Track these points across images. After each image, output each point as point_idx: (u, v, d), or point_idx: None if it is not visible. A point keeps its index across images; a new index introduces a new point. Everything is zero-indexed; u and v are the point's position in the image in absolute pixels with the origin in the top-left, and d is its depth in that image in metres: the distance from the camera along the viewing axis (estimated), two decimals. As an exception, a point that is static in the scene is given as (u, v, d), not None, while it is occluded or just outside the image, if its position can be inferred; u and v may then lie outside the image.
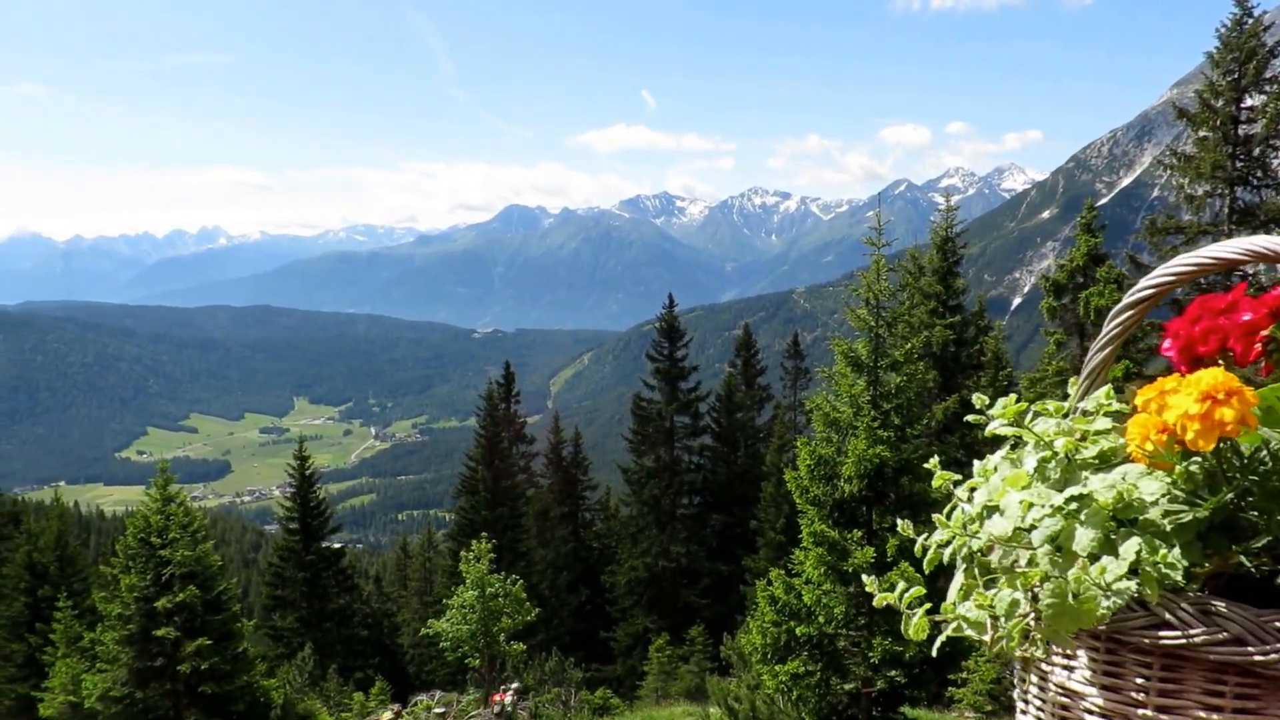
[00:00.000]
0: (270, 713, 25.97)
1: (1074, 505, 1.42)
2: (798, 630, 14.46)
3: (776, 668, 14.45)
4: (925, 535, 1.70)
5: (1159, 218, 20.24)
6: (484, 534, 39.08)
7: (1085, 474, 1.52)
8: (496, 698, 27.05)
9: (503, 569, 37.52)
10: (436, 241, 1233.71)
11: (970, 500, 1.65)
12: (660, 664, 33.91)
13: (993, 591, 1.46)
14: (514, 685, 28.35)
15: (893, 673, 13.87)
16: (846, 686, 14.45)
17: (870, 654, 13.78)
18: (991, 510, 1.60)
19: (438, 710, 29.08)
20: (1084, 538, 1.37)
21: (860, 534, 14.54)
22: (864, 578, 1.73)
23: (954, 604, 1.56)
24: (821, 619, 14.08)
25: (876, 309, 15.05)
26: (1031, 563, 1.43)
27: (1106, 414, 1.66)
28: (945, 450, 21.80)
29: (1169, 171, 20.00)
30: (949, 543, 1.63)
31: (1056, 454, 1.57)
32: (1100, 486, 1.43)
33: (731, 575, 43.63)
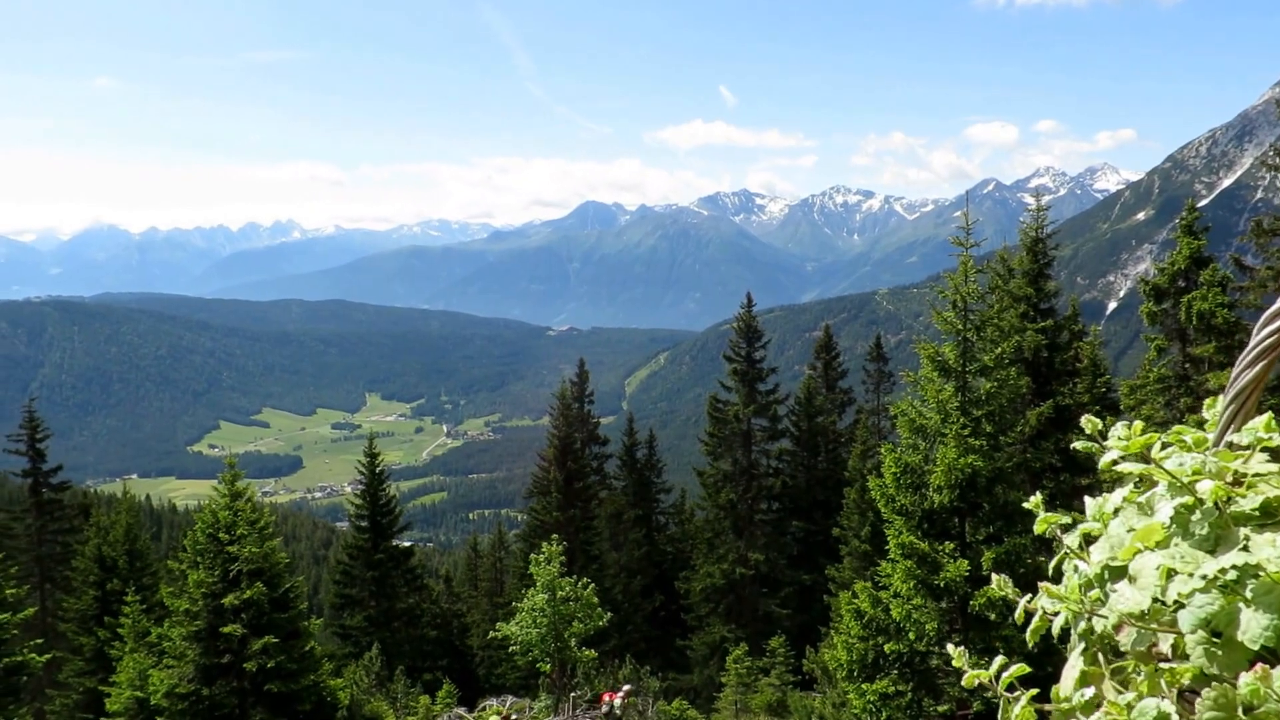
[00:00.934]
0: (337, 713, 25.65)
1: (1234, 575, 0.96)
2: (886, 647, 13.58)
3: (864, 686, 13.58)
4: (1028, 598, 1.44)
5: (1265, 219, 18.95)
6: (555, 535, 38.58)
7: (1244, 531, 1.07)
8: (607, 697, 26.45)
9: (574, 572, 36.96)
10: (511, 238, 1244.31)
11: (1085, 551, 1.31)
12: (739, 675, 32.99)
13: (1126, 697, 1.01)
14: (626, 686, 27.68)
15: (990, 694, 12.91)
16: (940, 708, 13.52)
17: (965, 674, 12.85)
18: (1116, 573, 1.18)
19: (512, 717, 28.53)
20: (1255, 625, 0.95)
21: (952, 546, 13.61)
22: (951, 649, 1.15)
23: (1071, 695, 1.23)
24: (912, 635, 13.17)
25: (964, 312, 14.13)
26: (1179, 652, 0.99)
27: (1265, 448, 1.14)
28: (1040, 457, 20.67)
29: (1274, 172, 18.73)
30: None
31: (1202, 502, 1.04)
32: (1273, 553, 0.95)
33: (814, 585, 42.56)
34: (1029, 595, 1.36)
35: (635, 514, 51.85)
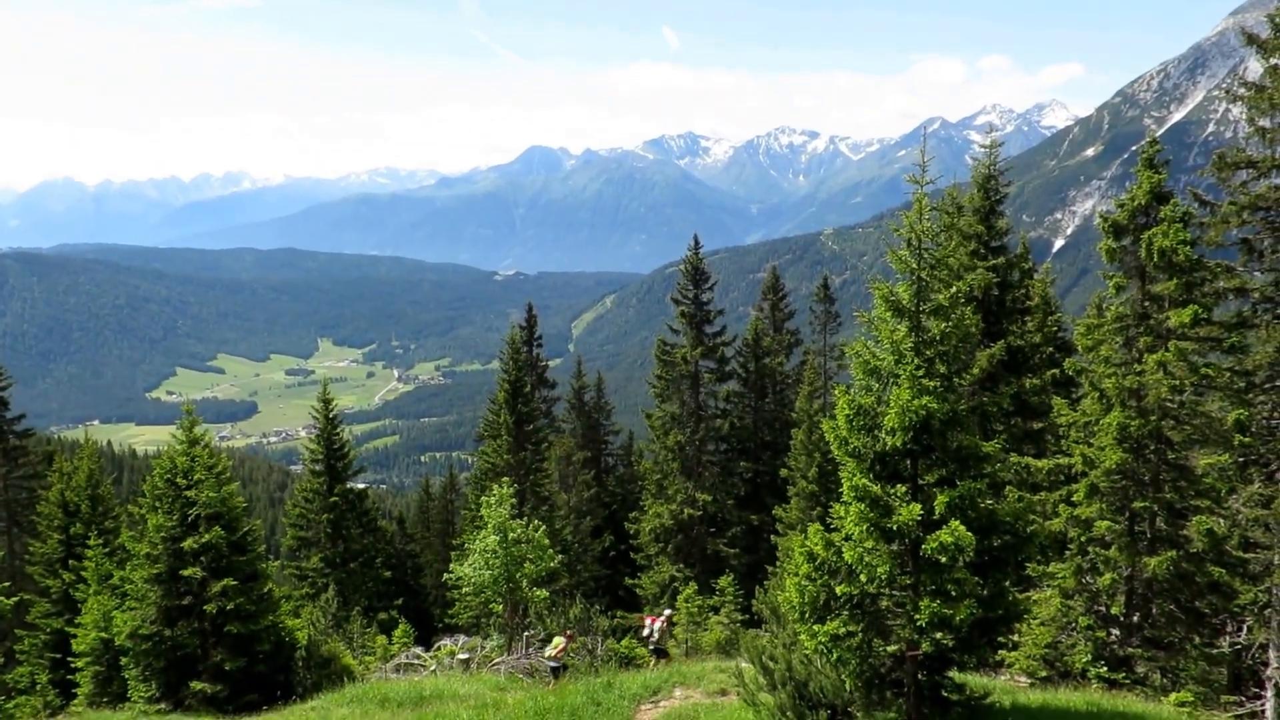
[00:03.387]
0: (295, 653, 26.00)
1: None
2: (837, 589, 13.75)
3: (815, 627, 13.75)
4: None
5: (1228, 152, 19.05)
6: (506, 479, 38.65)
7: None
8: (649, 621, 26.49)
9: (525, 514, 37.09)
10: (458, 184, 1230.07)
11: None
12: (689, 614, 33.43)
13: None
14: (668, 611, 27.67)
15: (940, 635, 13.12)
16: (890, 649, 13.76)
17: (916, 616, 13.03)
18: None
19: (461, 656, 28.64)
20: None
21: (905, 489, 13.77)
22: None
23: None
24: (864, 577, 13.33)
25: (919, 250, 14.07)
26: None
27: None
28: (996, 401, 20.90)
29: (1235, 103, 18.81)
30: None
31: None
32: None
33: (761, 525, 43.06)
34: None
35: (584, 456, 52.01)
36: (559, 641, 24.57)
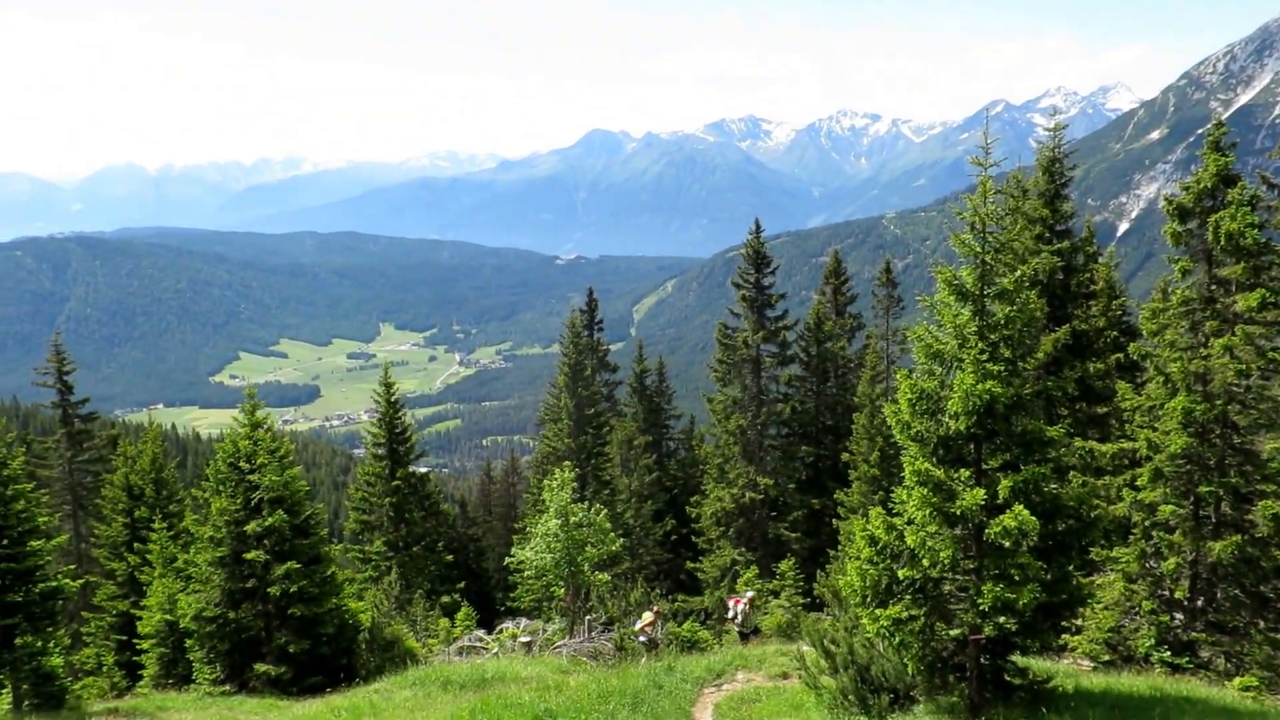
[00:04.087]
0: (359, 635, 26.25)
1: None
2: (899, 573, 13.75)
3: (877, 611, 13.76)
4: None
5: (1300, 134, 18.61)
6: (567, 462, 38.96)
7: None
8: (733, 602, 26.64)
9: (586, 498, 37.37)
10: (518, 167, 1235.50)
11: None
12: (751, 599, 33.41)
13: None
14: (750, 593, 27.79)
15: (1002, 619, 13.08)
16: (952, 633, 13.72)
17: (979, 600, 12.98)
18: None
19: (523, 639, 28.97)
20: None
21: (968, 474, 13.70)
22: None
23: None
24: (926, 562, 13.30)
25: (983, 234, 13.96)
26: None
27: None
28: (1061, 386, 20.67)
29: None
30: None
31: None
32: None
33: (823, 509, 42.91)
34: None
35: (646, 440, 52.17)
36: (648, 616, 24.74)
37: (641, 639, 24.06)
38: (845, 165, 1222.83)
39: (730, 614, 26.49)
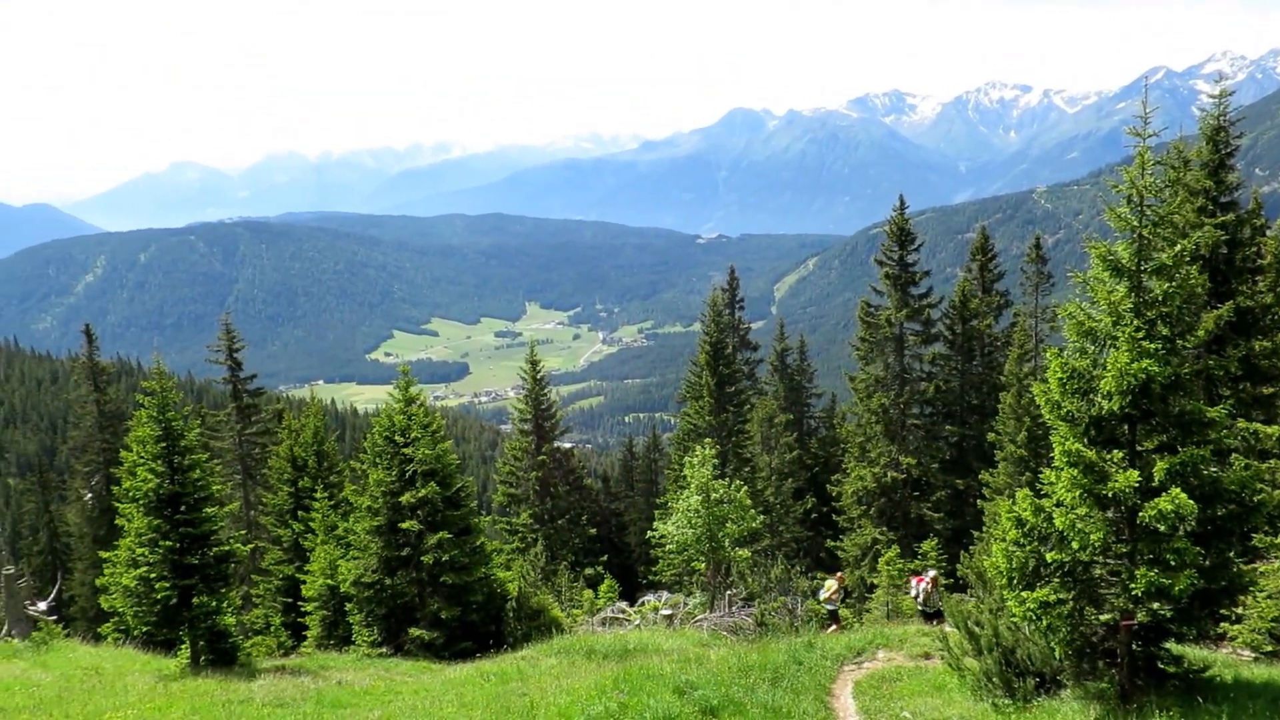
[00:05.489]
0: (506, 604, 27.11)
1: None
2: (1047, 556, 13.45)
3: (1024, 594, 13.51)
4: None
5: None
6: (708, 440, 39.13)
7: None
8: (915, 580, 26.66)
9: (727, 474, 37.47)
10: (661, 147, 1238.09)
11: None
12: (890, 577, 33.13)
13: None
14: (932, 572, 27.76)
15: (1156, 605, 12.68)
16: (1102, 618, 13.37)
17: (1132, 585, 12.61)
18: None
19: (665, 612, 29.33)
20: None
21: (1121, 455, 13.30)
22: None
23: None
24: (1075, 545, 12.96)
25: (1140, 207, 13.47)
26: None
27: None
28: (1223, 365, 19.79)
29: None
30: None
31: None
32: None
33: (967, 489, 42.11)
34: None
35: (786, 418, 51.99)
36: (831, 584, 24.76)
37: (829, 607, 24.14)
38: (993, 139, 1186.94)
39: (912, 592, 26.12)
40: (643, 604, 31.68)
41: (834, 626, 23.82)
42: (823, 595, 24.79)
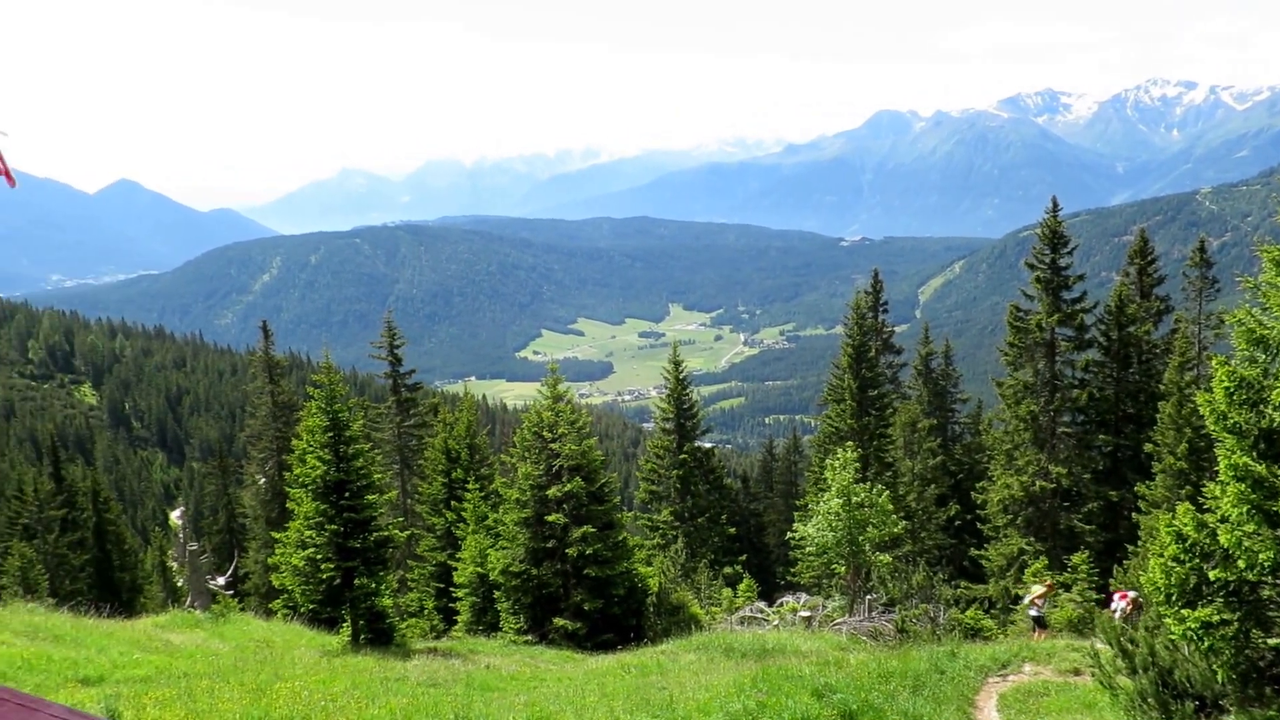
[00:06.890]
0: (647, 599, 27.51)
1: None
2: (1210, 574, 12.85)
3: (1184, 612, 12.94)
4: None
5: None
6: (850, 443, 38.72)
7: None
8: (1118, 597, 25.55)
9: (868, 478, 37.02)
10: (805, 150, 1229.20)
11: None
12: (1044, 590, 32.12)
13: None
14: (1132, 593, 26.72)
15: (1334, 631, 12.02)
16: (1271, 642, 12.73)
17: (1304, 608, 12.00)
18: None
19: (803, 613, 29.15)
20: None
21: (1293, 470, 12.61)
22: None
23: None
24: (1242, 563, 12.37)
25: (1319, 208, 12.73)
26: None
27: None
28: None
29: None
30: None
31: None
32: None
33: (1121, 501, 40.58)
34: None
35: (930, 423, 50.95)
36: (1038, 589, 24.25)
37: (1032, 612, 23.65)
38: (1154, 138, 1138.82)
39: (1112, 607, 24.99)
40: (781, 605, 31.55)
41: (1040, 633, 23.17)
42: (1026, 600, 24.20)
